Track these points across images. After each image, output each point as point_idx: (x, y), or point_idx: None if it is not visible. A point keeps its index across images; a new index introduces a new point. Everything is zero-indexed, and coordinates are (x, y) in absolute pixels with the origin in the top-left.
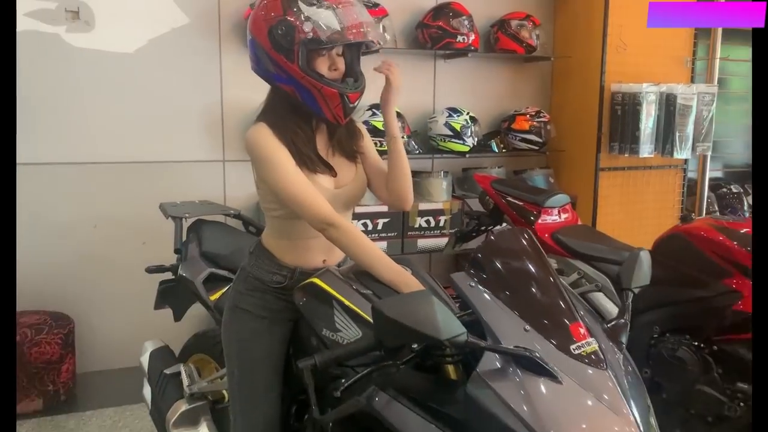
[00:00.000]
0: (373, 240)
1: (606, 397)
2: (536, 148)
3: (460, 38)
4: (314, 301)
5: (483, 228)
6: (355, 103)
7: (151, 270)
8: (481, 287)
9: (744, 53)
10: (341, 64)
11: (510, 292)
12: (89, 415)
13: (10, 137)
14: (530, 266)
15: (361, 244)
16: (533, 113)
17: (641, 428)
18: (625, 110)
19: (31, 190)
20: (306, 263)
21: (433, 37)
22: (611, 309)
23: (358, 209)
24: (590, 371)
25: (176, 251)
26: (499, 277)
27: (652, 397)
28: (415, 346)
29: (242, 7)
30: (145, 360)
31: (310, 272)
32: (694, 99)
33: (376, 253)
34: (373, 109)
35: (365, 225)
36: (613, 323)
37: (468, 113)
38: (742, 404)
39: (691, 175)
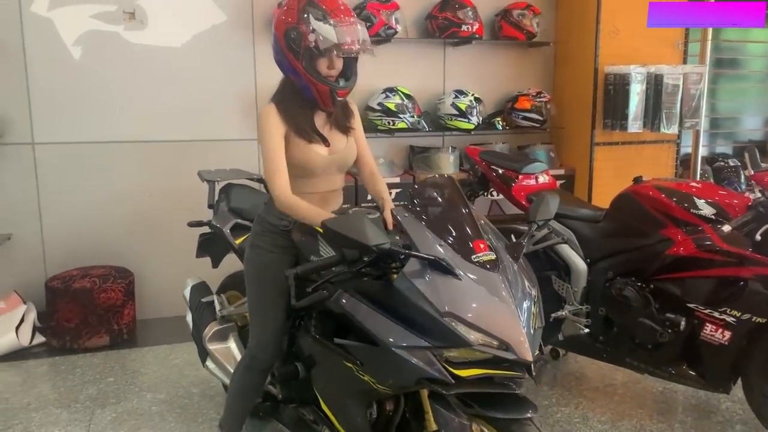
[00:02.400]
0: None
1: (494, 289)
2: (537, 125)
3: (464, 27)
4: (306, 236)
5: (473, 193)
6: (342, 98)
7: (191, 224)
8: (412, 217)
9: (764, 34)
10: (339, 64)
11: (433, 220)
12: (146, 350)
13: None
14: (449, 203)
15: (298, 208)
16: (534, 94)
17: (519, 313)
18: (617, 90)
19: (99, 165)
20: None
21: (440, 26)
22: (574, 258)
23: None
24: (484, 273)
25: (209, 206)
26: (425, 210)
27: (606, 332)
28: (366, 258)
29: (273, 4)
30: (187, 293)
31: None
32: (680, 79)
33: (311, 212)
34: (387, 92)
35: None
36: (512, 243)
37: (473, 94)
38: (670, 331)
39: (689, 150)
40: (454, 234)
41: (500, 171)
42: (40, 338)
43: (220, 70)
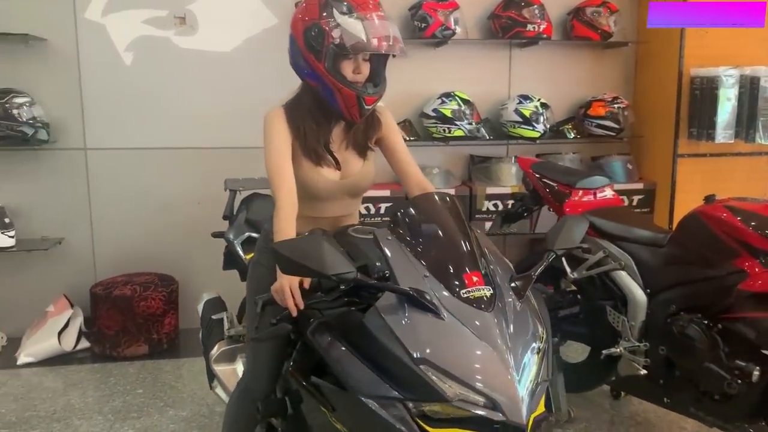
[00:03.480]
0: None
1: (485, 333)
2: (613, 134)
3: (530, 27)
4: None
5: (524, 209)
6: (371, 106)
7: (214, 235)
8: (396, 241)
9: None
10: (366, 68)
11: (421, 246)
12: (183, 362)
13: None
14: (443, 225)
15: (281, 229)
16: (610, 99)
17: (514, 363)
18: (704, 95)
19: (149, 171)
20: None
21: (504, 26)
22: (631, 287)
23: None
24: (474, 312)
25: (224, 217)
26: (413, 234)
27: (667, 375)
28: (342, 287)
29: None
30: (199, 308)
31: None
32: None
33: (282, 228)
34: (443, 98)
35: None
36: (519, 276)
37: (539, 99)
38: (741, 381)
39: None
40: (443, 262)
41: (553, 185)
42: (85, 343)
43: (269, 74)
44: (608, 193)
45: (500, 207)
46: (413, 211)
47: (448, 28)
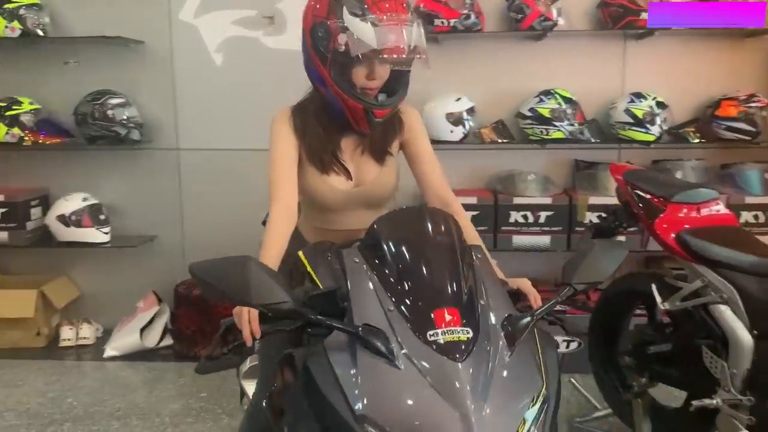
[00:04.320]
0: (535, 235)
1: (446, 386)
2: (747, 138)
3: (645, 15)
4: (298, 271)
5: (618, 224)
6: (382, 118)
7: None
8: (364, 264)
9: None
10: (384, 72)
11: (392, 272)
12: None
13: None
14: (424, 247)
15: (265, 248)
16: (744, 97)
17: (477, 426)
18: None
19: (238, 172)
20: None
21: (614, 15)
22: (735, 326)
23: (519, 200)
24: (439, 360)
25: (263, 223)
26: (386, 256)
27: None
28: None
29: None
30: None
31: None
32: None
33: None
34: (541, 96)
35: (525, 217)
36: (515, 317)
37: (654, 98)
38: None
39: None
40: (414, 294)
41: (646, 198)
42: (169, 340)
43: None
44: (717, 208)
45: None
46: (391, 228)
47: (548, 19)
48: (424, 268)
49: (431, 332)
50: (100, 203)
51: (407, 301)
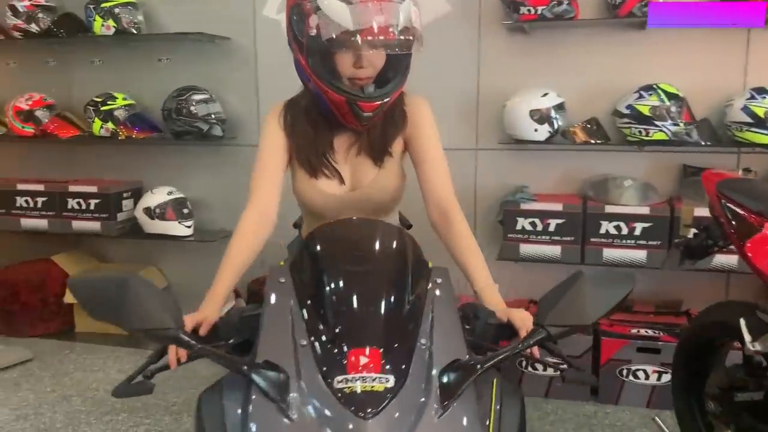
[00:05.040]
0: (629, 248)
1: None
2: None
3: None
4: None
5: (711, 242)
6: (372, 112)
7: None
8: (288, 286)
9: None
10: (376, 59)
11: (316, 297)
12: None
13: None
14: (356, 269)
15: (226, 257)
16: None
17: None
18: None
19: None
20: None
21: None
22: None
23: (611, 209)
24: (342, 414)
25: (294, 225)
26: (312, 277)
27: None
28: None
29: None
30: None
31: None
32: None
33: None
34: (641, 92)
35: (618, 228)
36: (462, 363)
37: None
38: None
39: None
40: (333, 328)
41: (741, 213)
42: None
43: (440, 70)
44: None
45: None
46: (324, 243)
47: None
48: (352, 296)
49: (341, 378)
50: (184, 197)
51: (323, 336)
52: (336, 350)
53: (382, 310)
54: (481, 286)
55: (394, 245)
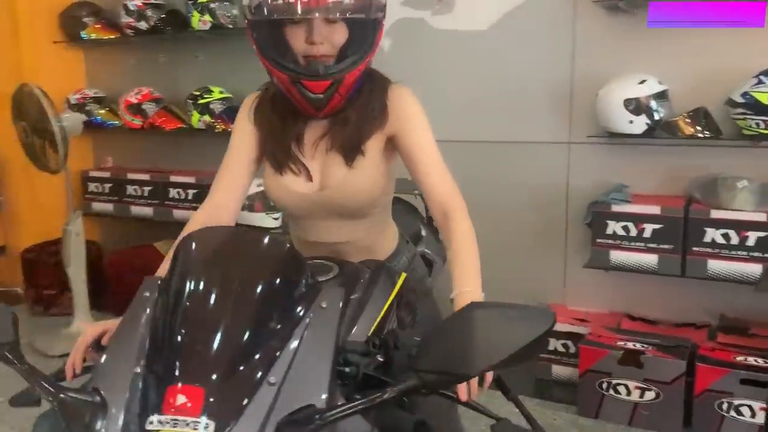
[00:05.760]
0: (739, 261)
1: None
2: None
3: None
4: None
5: None
6: (321, 94)
7: None
8: (151, 301)
9: None
10: (334, 34)
11: (168, 318)
12: None
13: None
14: (217, 289)
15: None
16: None
17: None
18: None
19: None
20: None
21: None
22: None
23: (718, 214)
24: None
25: None
26: (171, 294)
27: None
28: None
29: None
30: None
31: None
32: None
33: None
34: (762, 76)
35: (726, 237)
36: (309, 412)
37: None
38: None
39: None
40: (166, 357)
41: None
42: None
43: (530, 56)
44: None
45: None
46: (185, 255)
47: None
48: (193, 320)
49: (154, 418)
50: None
51: (156, 365)
52: (159, 384)
53: (220, 340)
54: (455, 293)
55: (267, 263)
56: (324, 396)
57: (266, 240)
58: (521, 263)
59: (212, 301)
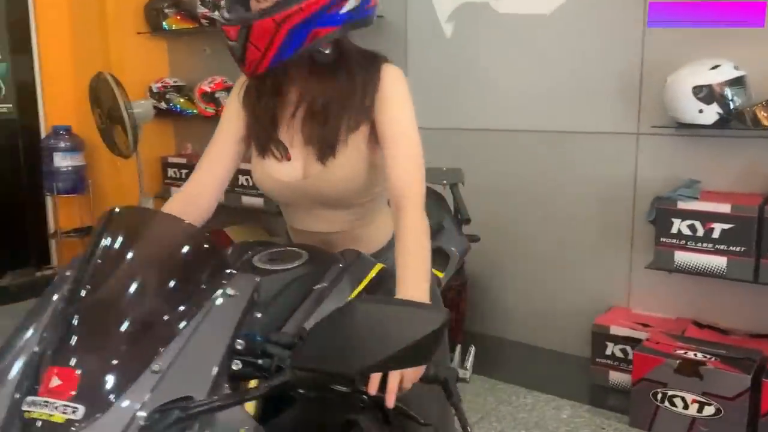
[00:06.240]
0: None
1: None
2: None
3: None
4: None
5: None
6: (237, 41)
7: None
8: (69, 279)
9: None
10: None
11: (70, 297)
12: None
13: None
14: (116, 271)
15: None
16: None
17: None
18: None
19: (461, 154)
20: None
21: None
22: None
23: None
24: None
25: None
26: (76, 271)
27: None
28: None
29: None
30: None
31: None
32: None
33: None
34: None
35: None
36: (173, 404)
37: None
38: None
39: None
40: (58, 337)
41: None
42: None
43: (596, 37)
44: None
45: None
46: (97, 235)
47: None
48: (86, 300)
49: (30, 399)
50: None
51: (48, 346)
52: (40, 365)
53: (106, 324)
54: (400, 295)
55: (170, 249)
56: (206, 387)
57: (176, 225)
58: (583, 262)
59: (108, 283)
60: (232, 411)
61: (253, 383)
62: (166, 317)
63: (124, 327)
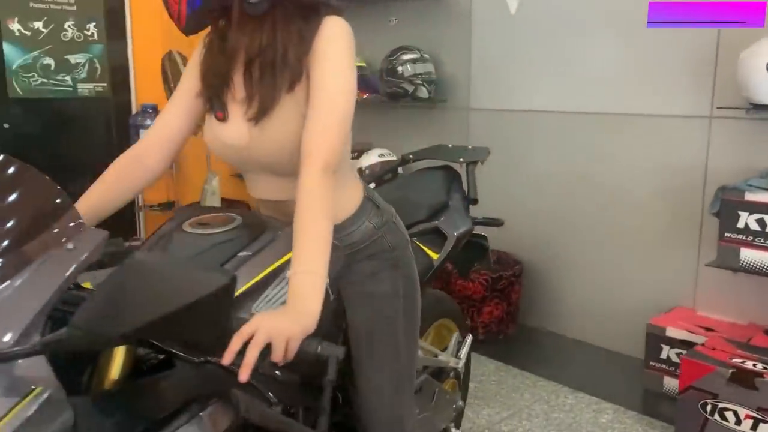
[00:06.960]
0: None
1: None
2: None
3: None
4: None
5: None
6: None
7: None
8: None
9: None
10: None
11: None
12: (482, 362)
13: None
14: None
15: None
16: None
17: None
18: None
19: (524, 137)
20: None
21: None
22: None
23: None
24: None
25: None
26: None
27: None
28: None
29: None
30: None
31: None
32: None
33: None
34: None
35: None
36: None
37: None
38: None
39: None
40: None
41: None
42: None
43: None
44: None
45: None
46: None
47: None
48: None
49: None
50: (395, 160)
51: None
52: None
53: None
54: (290, 273)
55: (10, 197)
56: (9, 335)
57: (32, 178)
58: (645, 255)
59: None
60: (34, 366)
61: None
62: None
63: None
